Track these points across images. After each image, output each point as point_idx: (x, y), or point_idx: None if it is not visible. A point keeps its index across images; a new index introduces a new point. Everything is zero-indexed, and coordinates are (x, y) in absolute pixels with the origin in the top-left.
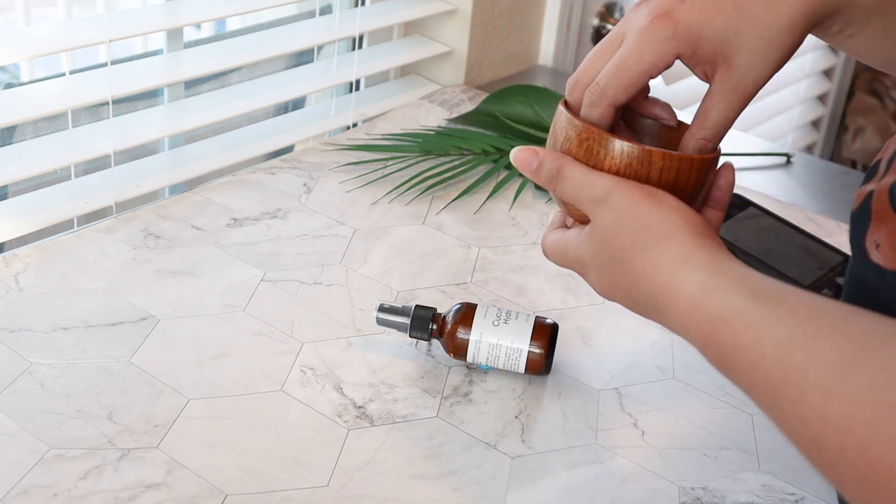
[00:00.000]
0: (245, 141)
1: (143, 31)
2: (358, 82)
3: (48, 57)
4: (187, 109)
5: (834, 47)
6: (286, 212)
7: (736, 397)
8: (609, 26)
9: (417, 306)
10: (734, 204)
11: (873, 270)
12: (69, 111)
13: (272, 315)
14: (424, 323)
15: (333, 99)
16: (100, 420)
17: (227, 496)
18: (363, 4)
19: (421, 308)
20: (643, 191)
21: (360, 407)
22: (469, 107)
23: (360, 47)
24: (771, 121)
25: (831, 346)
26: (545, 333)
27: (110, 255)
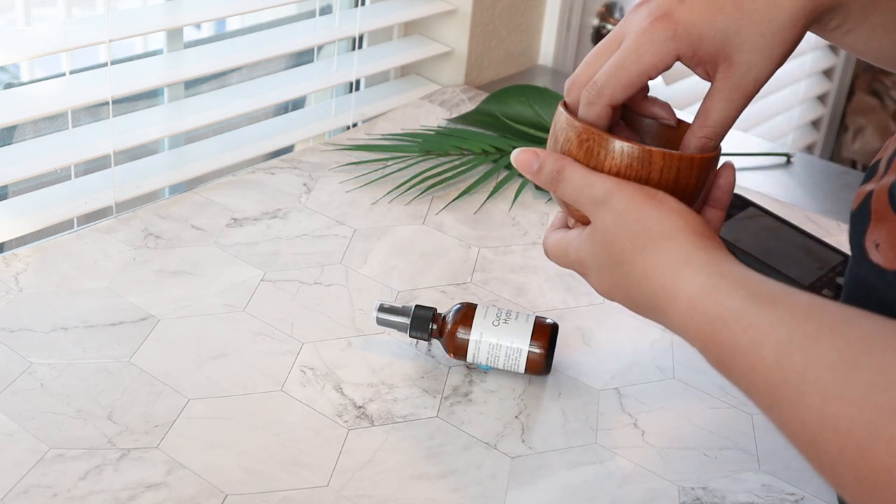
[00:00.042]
0: (245, 141)
1: (143, 31)
2: (358, 82)
3: (48, 57)
4: (187, 109)
5: (834, 46)
6: (286, 212)
7: (736, 397)
8: (609, 26)
9: (417, 306)
10: (734, 204)
11: (873, 270)
12: (69, 111)
13: (272, 315)
14: (424, 323)
15: (333, 99)
16: (100, 420)
17: (227, 496)
18: (363, 4)
19: (421, 308)
20: (643, 192)
21: (360, 407)
22: (469, 107)
23: (360, 47)
24: (771, 121)
25: (831, 348)
26: (545, 333)
27: (110, 255)
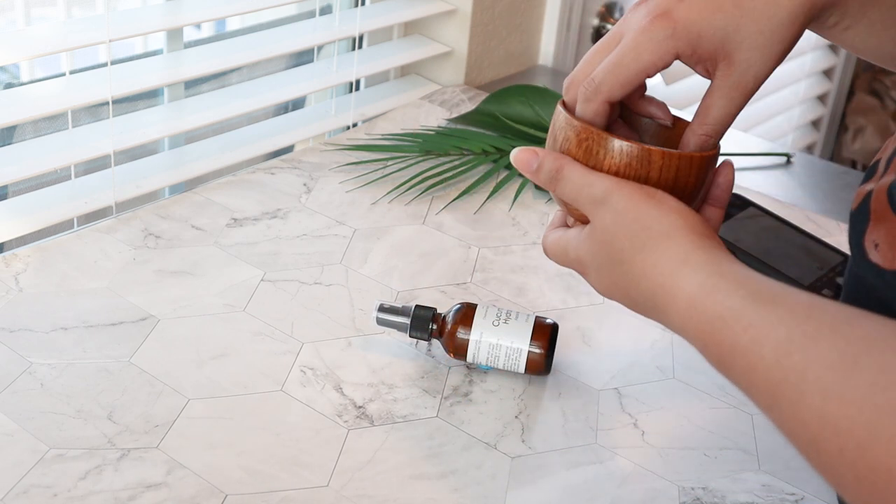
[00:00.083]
0: (245, 141)
1: (143, 31)
2: (358, 82)
3: (48, 57)
4: (187, 109)
5: (834, 46)
6: (286, 212)
7: (736, 397)
8: (609, 26)
9: (417, 306)
10: (734, 204)
11: (872, 270)
12: (69, 111)
13: (272, 315)
14: (424, 323)
15: (333, 99)
16: (100, 420)
17: (227, 496)
18: (363, 4)
19: (421, 308)
20: (642, 191)
21: (360, 407)
22: (469, 107)
23: (360, 47)
24: (771, 121)
25: (831, 348)
26: (545, 333)
27: (110, 255)
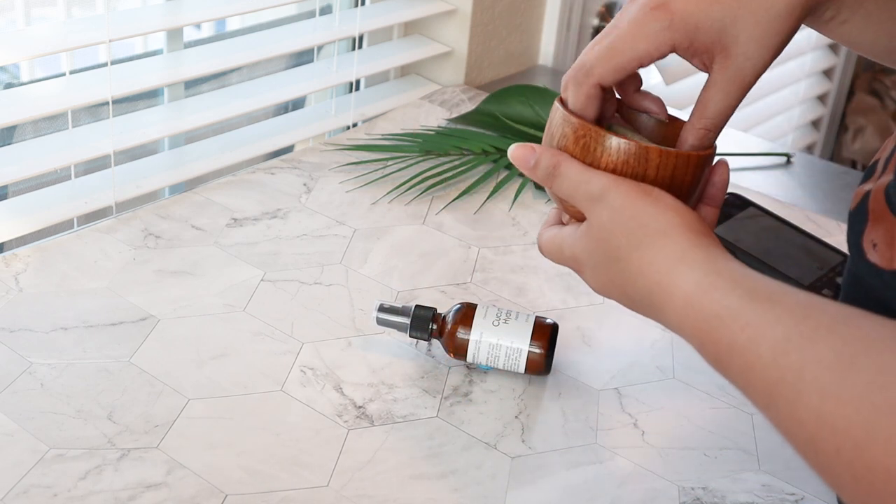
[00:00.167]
0: (245, 141)
1: (143, 31)
2: (358, 82)
3: (48, 57)
4: (187, 109)
5: (834, 46)
6: (286, 212)
7: (736, 397)
8: None
9: (417, 306)
10: (734, 204)
11: (870, 270)
12: (69, 111)
13: (272, 315)
14: (424, 323)
15: (333, 99)
16: (100, 420)
17: (227, 496)
18: (363, 4)
19: (421, 308)
20: (639, 189)
21: (360, 407)
22: (469, 107)
23: (360, 47)
24: (771, 121)
25: (828, 347)
26: (545, 333)
27: (110, 255)
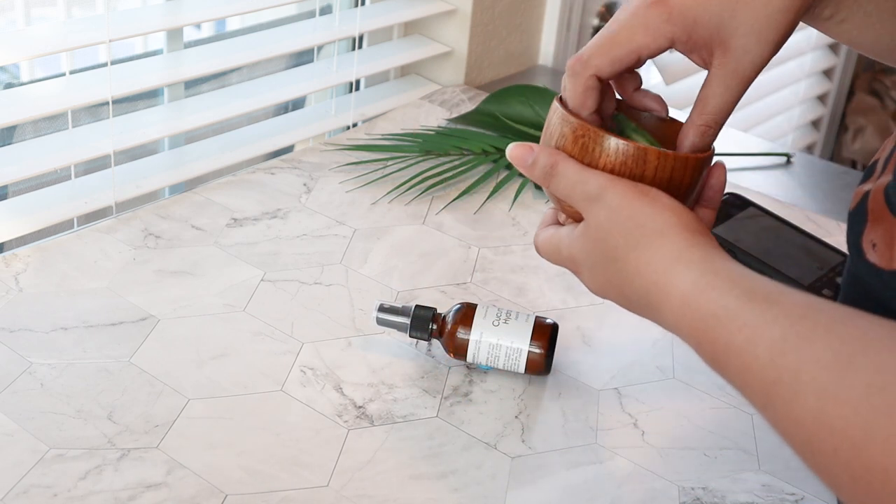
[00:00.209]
0: (245, 141)
1: (143, 31)
2: (358, 82)
3: (48, 57)
4: (187, 109)
5: (834, 46)
6: (286, 212)
7: (736, 397)
8: None
9: (417, 306)
10: (734, 204)
11: (870, 270)
12: (69, 111)
13: (272, 315)
14: (424, 323)
15: (333, 99)
16: (100, 420)
17: (227, 496)
18: (363, 4)
19: (421, 308)
20: (637, 189)
21: (360, 407)
22: (469, 107)
23: (360, 47)
24: (771, 121)
25: (825, 348)
26: (545, 333)
27: (110, 255)
